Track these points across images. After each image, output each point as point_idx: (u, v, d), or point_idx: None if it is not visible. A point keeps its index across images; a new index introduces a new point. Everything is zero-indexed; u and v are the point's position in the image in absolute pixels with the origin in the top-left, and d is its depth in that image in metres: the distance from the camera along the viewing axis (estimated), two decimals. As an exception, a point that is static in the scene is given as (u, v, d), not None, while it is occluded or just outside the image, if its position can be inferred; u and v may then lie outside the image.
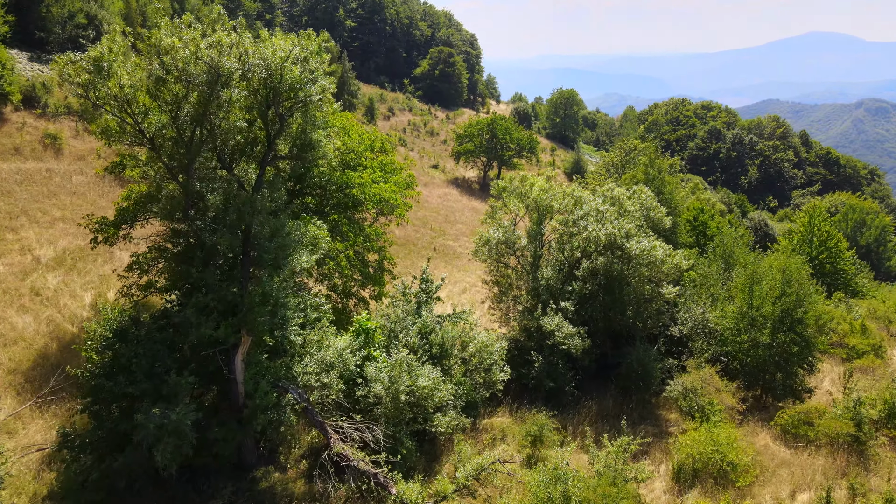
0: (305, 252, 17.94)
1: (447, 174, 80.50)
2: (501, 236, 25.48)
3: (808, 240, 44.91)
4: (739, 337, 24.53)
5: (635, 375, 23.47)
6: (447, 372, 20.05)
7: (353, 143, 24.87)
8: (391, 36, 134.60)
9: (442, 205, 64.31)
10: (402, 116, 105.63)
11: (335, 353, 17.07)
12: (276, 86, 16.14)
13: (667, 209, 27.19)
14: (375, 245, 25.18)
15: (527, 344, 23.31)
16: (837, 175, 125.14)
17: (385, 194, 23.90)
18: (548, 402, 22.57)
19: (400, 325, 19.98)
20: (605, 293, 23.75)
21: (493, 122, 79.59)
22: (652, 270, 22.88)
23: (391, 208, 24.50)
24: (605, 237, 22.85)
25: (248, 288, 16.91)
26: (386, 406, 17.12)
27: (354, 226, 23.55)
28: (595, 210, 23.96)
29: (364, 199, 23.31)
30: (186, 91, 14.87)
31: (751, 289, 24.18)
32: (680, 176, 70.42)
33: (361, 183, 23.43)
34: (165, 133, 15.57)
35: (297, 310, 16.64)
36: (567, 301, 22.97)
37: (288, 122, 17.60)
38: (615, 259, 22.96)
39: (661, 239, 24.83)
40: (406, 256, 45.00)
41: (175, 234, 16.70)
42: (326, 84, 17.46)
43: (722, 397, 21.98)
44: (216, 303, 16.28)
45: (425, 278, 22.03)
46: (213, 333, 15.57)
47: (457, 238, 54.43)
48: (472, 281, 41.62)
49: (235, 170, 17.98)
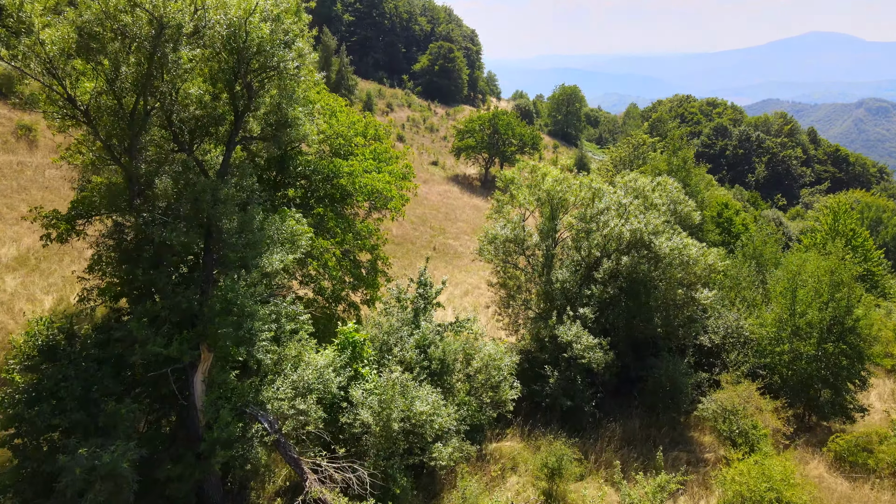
0: (282, 251, 15.03)
1: (447, 171, 77.60)
2: (509, 233, 22.56)
3: (833, 238, 41.99)
4: (779, 347, 21.61)
5: (663, 392, 20.56)
6: (449, 391, 17.13)
7: (342, 127, 21.91)
8: (390, 31, 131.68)
9: (442, 202, 61.39)
10: (400, 112, 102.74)
11: (314, 374, 14.13)
12: (241, 47, 13.21)
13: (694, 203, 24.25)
14: (367, 243, 22.25)
15: (539, 356, 20.38)
16: (846, 173, 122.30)
17: (378, 185, 20.94)
18: (564, 423, 19.65)
19: (394, 337, 17.04)
20: (628, 298, 20.81)
21: (495, 116, 76.70)
22: (685, 272, 19.92)
23: (385, 201, 21.55)
24: (630, 234, 19.90)
25: (210, 294, 13.99)
26: (375, 436, 14.19)
27: (343, 221, 20.60)
28: (617, 203, 21.02)
29: (354, 190, 20.36)
30: (124, 48, 11.93)
31: (793, 293, 21.25)
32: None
33: (351, 172, 20.49)
34: (103, 103, 12.63)
35: (268, 320, 13.70)
36: (586, 307, 20.03)
37: (258, 94, 14.67)
38: (641, 259, 20.00)
39: (690, 237, 21.86)
40: (404, 256, 42.06)
41: (117, 229, 13.76)
42: (305, 49, 14.51)
43: (765, 418, 19.05)
44: (169, 312, 13.35)
45: (423, 281, 19.10)
46: (163, 351, 12.64)
47: (457, 237, 51.47)
48: (475, 282, 38.67)
49: (196, 151, 15.04)
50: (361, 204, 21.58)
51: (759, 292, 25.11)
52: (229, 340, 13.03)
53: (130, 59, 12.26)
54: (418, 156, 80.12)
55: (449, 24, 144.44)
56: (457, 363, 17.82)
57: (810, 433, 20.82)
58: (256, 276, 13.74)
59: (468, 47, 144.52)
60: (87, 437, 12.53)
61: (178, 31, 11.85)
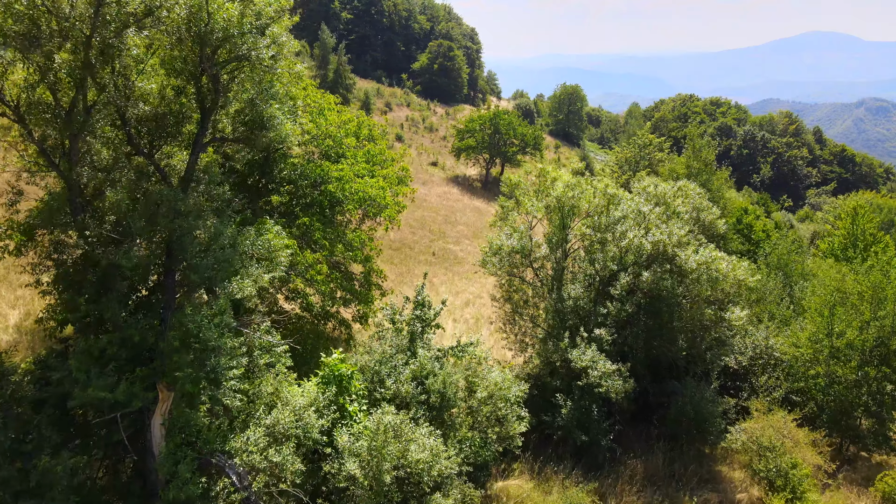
0: (258, 269, 12.96)
1: (447, 172, 75.54)
2: (516, 243, 20.48)
3: (853, 244, 39.92)
4: (813, 370, 19.54)
5: (687, 421, 18.49)
6: (450, 427, 15.05)
7: (331, 127, 19.83)
8: (388, 29, 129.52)
9: (441, 204, 59.31)
10: (399, 112, 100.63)
11: (292, 416, 12.05)
12: (204, 31, 11.14)
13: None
14: (359, 254, 20.16)
15: (550, 382, 18.30)
16: (853, 173, 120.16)
17: (370, 191, 18.82)
18: (578, 458, 17.58)
19: (387, 366, 14.95)
20: (648, 317, 18.73)
21: (496, 116, 74.57)
22: (713, 289, 17.84)
23: (378, 209, 19.45)
24: (652, 247, 17.83)
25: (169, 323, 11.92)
26: (364, 489, 12.11)
27: (332, 231, 18.51)
28: (635, 211, 18.93)
29: (343, 197, 18.27)
30: (58, 32, 9.84)
31: (832, 310, 19.17)
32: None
33: (340, 177, 18.40)
34: (36, 97, 10.55)
35: (238, 354, 11.62)
36: (601, 328, 17.95)
37: (228, 88, 12.60)
38: (664, 274, 17.91)
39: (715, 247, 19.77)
40: (401, 262, 39.98)
41: (57, 249, 11.68)
42: (281, 36, 12.44)
43: (802, 452, 16.99)
44: (118, 347, 11.27)
45: (421, 301, 16.98)
46: (108, 396, 10.57)
47: (458, 241, 49.41)
48: (477, 291, 36.61)
49: (158, 155, 12.96)
50: (353, 212, 19.49)
51: (788, 307, 23.02)
52: (189, 383, 10.95)
53: (67, 46, 10.17)
54: (417, 156, 78.08)
55: (448, 22, 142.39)
56: (459, 394, 15.73)
57: (851, 467, 18.78)
58: (224, 302, 11.65)
59: (468, 46, 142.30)
60: (18, 499, 10.47)
61: (121, 9, 9.76)
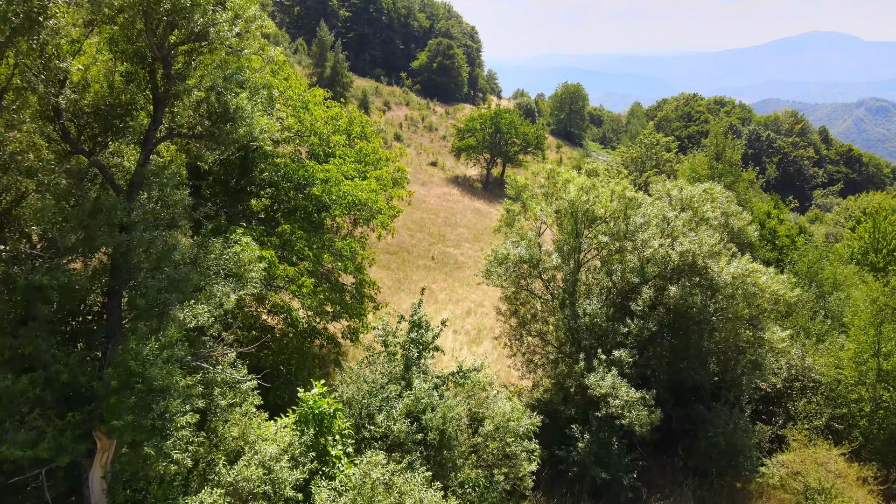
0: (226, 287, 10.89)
1: (447, 172, 73.47)
2: (523, 252, 18.39)
3: (875, 248, 37.80)
4: (854, 393, 17.46)
5: (718, 453, 16.39)
6: (451, 468, 12.96)
7: (317, 123, 17.73)
8: (387, 27, 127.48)
9: (441, 206, 57.22)
10: (398, 111, 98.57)
11: (259, 472, 9.94)
12: (150, 3, 9.05)
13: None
14: (349, 265, 18.05)
15: (563, 411, 16.20)
16: (859, 174, 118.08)
17: (360, 194, 16.69)
18: (597, 497, 15.51)
19: (377, 399, 12.84)
20: (673, 335, 16.63)
21: (497, 115, 72.48)
22: (751, 306, 15.75)
23: (370, 214, 17.35)
24: (679, 257, 15.72)
25: (110, 358, 9.83)
26: (347, 557, 10.01)
27: (317, 239, 16.40)
28: (660, 217, 16.82)
29: (329, 201, 16.17)
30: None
31: (879, 328, 17.07)
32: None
33: (326, 179, 16.30)
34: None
35: (190, 396, 9.52)
36: (621, 349, 15.85)
37: (185, 74, 10.50)
38: (693, 289, 15.80)
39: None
40: (399, 267, 37.87)
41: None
42: (247, 9, 10.34)
43: (854, 493, 14.89)
44: (42, 388, 9.17)
45: (418, 322, 14.85)
46: (26, 454, 8.47)
47: (458, 244, 47.31)
48: (478, 299, 34.50)
49: (103, 154, 10.86)
50: (341, 218, 17.38)
51: (823, 322, 20.90)
52: (128, 432, 8.85)
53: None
54: (416, 156, 76.04)
55: (448, 20, 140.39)
56: (461, 429, 13.64)
57: (900, 504, 16.68)
58: (175, 332, 9.55)
59: (468, 44, 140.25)
60: None
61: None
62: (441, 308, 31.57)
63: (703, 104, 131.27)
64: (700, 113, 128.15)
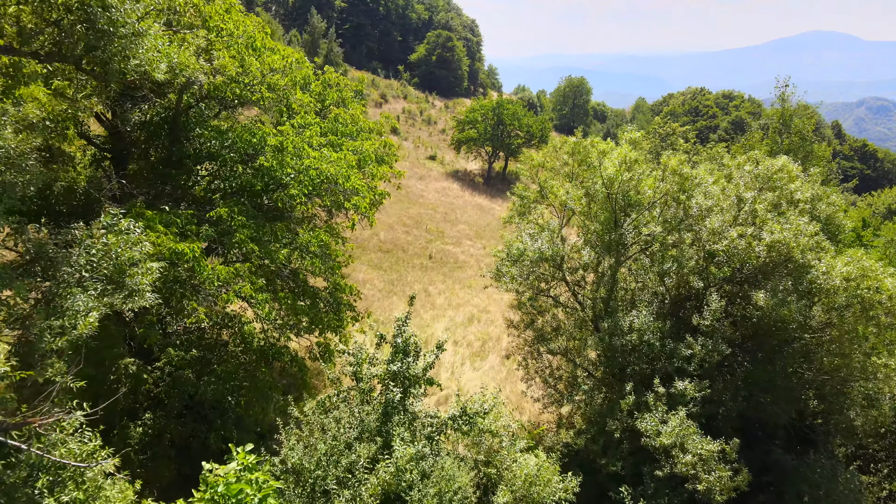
0: (92, 301, 6.58)
1: (446, 166, 69.25)
2: (545, 247, 14.06)
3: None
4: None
5: (811, 518, 12.05)
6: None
7: (276, 75, 13.36)
8: (385, 18, 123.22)
9: (440, 200, 52.94)
10: (395, 104, 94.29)
11: None
12: None
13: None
14: (317, 264, 13.70)
15: (605, 464, 11.85)
16: (874, 170, 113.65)
17: (329, 169, 12.32)
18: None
19: (339, 469, 8.47)
20: (750, 360, 12.28)
21: (500, 105, 68.24)
22: (870, 319, 11.43)
23: (342, 196, 13.01)
24: (767, 251, 11.39)
25: None
26: None
27: (266, 229, 12.07)
28: (733, 198, 12.50)
29: (283, 175, 11.82)
30: None
31: None
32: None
33: (281, 146, 11.94)
34: None
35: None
36: (685, 378, 11.52)
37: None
38: (789, 295, 11.47)
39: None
40: (392, 267, 33.51)
41: None
42: None
43: None
44: None
45: (404, 347, 10.45)
46: None
47: (458, 241, 42.97)
48: (482, 303, 30.14)
49: None
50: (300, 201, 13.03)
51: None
52: None
53: None
54: (414, 149, 71.86)
55: (448, 12, 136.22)
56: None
57: None
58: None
59: (468, 38, 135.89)
60: None
61: None
62: (439, 314, 27.25)
63: (712, 98, 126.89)
64: (708, 108, 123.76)
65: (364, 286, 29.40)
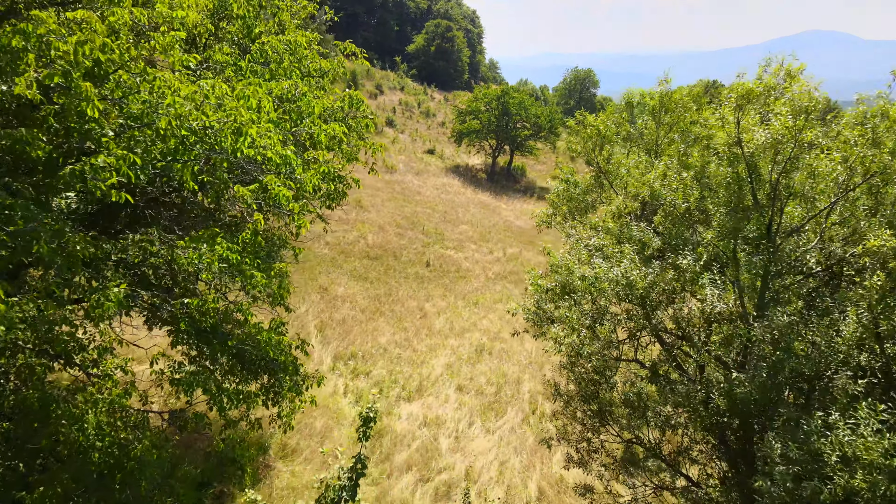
0: None
1: (446, 161, 62.99)
2: (633, 274, 7.69)
3: None
4: None
5: None
6: None
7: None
8: (381, 7, 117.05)
9: (439, 198, 46.61)
10: (392, 95, 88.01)
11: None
12: None
13: None
14: (207, 300, 7.30)
15: None
16: None
17: (260, 141, 5.94)
18: None
19: None
20: None
21: (505, 93, 62.00)
22: None
23: (237, 171, 6.58)
24: None
25: None
26: None
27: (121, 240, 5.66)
28: None
29: (182, 150, 5.38)
30: None
31: None
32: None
33: (158, 92, 5.49)
34: None
35: None
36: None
37: None
38: None
39: None
40: (380, 278, 27.09)
41: None
42: None
43: None
44: None
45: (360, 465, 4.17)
46: None
47: (460, 245, 36.64)
48: (493, 327, 23.71)
49: None
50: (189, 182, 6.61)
51: None
52: None
53: None
54: (411, 143, 65.63)
55: (448, 1, 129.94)
56: None
57: None
58: None
59: (468, 28, 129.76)
60: None
61: None
62: (438, 344, 20.87)
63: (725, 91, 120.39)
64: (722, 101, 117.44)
65: (343, 305, 23.04)
